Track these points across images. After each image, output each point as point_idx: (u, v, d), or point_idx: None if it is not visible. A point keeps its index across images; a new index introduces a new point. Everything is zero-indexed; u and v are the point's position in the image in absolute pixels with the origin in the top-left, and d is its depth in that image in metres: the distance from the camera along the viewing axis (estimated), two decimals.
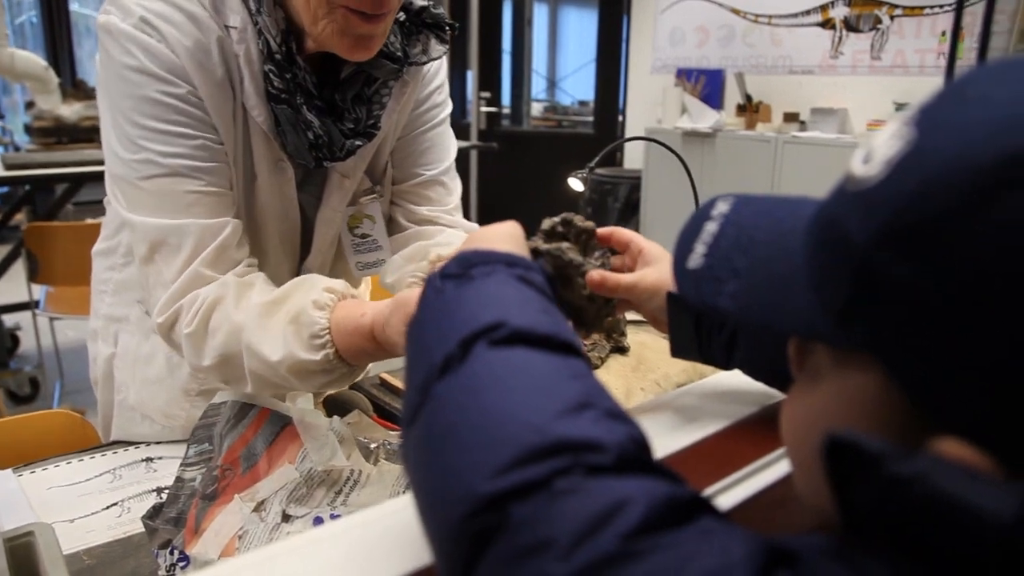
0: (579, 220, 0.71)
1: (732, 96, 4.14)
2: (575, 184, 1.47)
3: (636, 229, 3.96)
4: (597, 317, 0.71)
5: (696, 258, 0.45)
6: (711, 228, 0.46)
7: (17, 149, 4.73)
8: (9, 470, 0.99)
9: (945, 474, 0.30)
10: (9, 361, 3.32)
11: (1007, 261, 0.29)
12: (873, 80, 3.68)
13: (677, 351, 0.69)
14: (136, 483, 0.98)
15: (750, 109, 3.95)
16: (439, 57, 1.01)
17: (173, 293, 0.86)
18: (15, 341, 3.60)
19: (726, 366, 0.66)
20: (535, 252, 0.68)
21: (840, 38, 3.76)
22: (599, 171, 4.38)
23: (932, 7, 3.42)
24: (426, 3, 0.98)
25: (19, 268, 2.93)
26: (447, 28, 0.99)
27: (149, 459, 1.05)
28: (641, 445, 0.36)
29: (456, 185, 1.15)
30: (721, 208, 0.47)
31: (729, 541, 0.31)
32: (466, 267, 0.45)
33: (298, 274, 1.05)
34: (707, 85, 4.22)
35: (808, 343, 0.41)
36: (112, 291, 1.10)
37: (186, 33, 0.84)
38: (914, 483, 0.30)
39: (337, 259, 1.10)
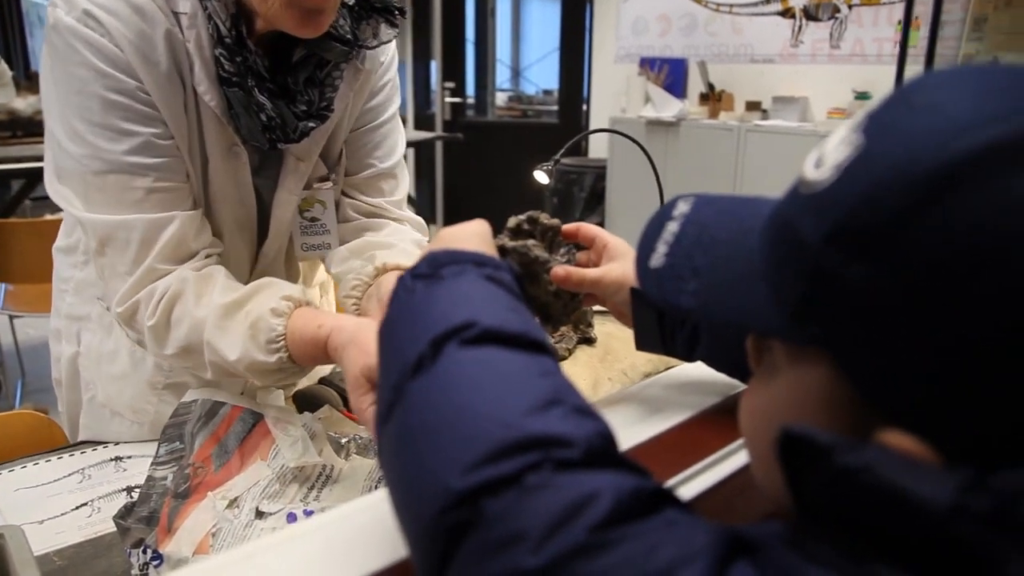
0: (544, 218, 0.72)
1: (695, 85, 4.18)
2: (540, 177, 1.49)
3: (602, 218, 3.92)
4: (564, 312, 0.73)
5: (658, 257, 0.46)
6: (672, 228, 0.47)
7: None
8: None
9: (889, 464, 0.31)
10: None
11: (950, 262, 0.31)
12: (832, 69, 3.74)
13: (641, 345, 0.70)
14: (106, 483, 0.98)
15: (713, 98, 4.00)
16: (389, 40, 1.02)
17: (129, 287, 0.88)
18: None
19: (689, 359, 0.68)
20: (502, 250, 0.69)
21: (800, 27, 3.82)
22: (564, 161, 4.39)
23: None
24: None
25: None
26: (396, 12, 1.00)
27: (118, 458, 1.04)
28: (608, 439, 0.37)
29: (404, 176, 1.17)
30: (682, 208, 0.48)
31: (692, 531, 0.32)
32: (436, 267, 0.46)
33: (256, 259, 1.06)
34: (670, 74, 4.26)
35: (765, 339, 0.43)
36: (74, 290, 1.09)
37: (130, 25, 0.84)
38: (861, 473, 0.31)
39: (291, 243, 1.11)
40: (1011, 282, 0.30)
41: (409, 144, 4.53)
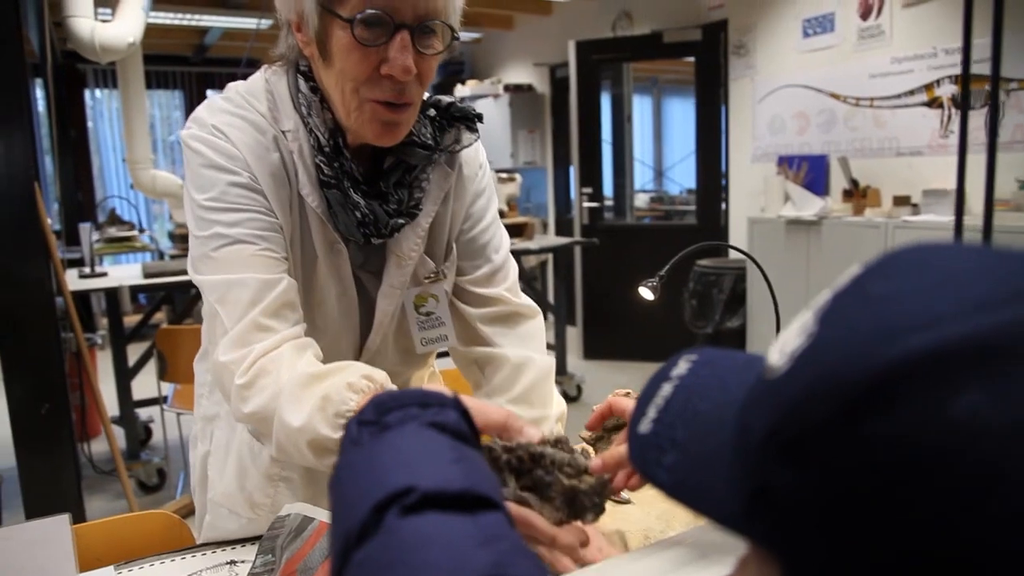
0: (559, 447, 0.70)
1: (838, 181, 4.05)
2: (645, 294, 1.48)
3: (743, 320, 3.78)
4: (594, 497, 0.68)
5: (646, 423, 0.43)
6: (666, 391, 0.44)
7: (162, 255, 5.26)
8: (111, 567, 1.07)
9: None
10: (141, 452, 3.57)
11: (875, 477, 0.28)
12: None
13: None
14: None
15: (857, 194, 3.84)
16: (470, 144, 1.13)
17: (234, 338, 0.95)
18: (148, 433, 3.89)
19: None
20: (492, 454, 0.66)
21: (949, 117, 3.63)
22: (702, 263, 4.34)
23: None
24: (453, 99, 1.12)
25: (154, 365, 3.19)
26: (474, 119, 1.12)
27: (233, 562, 1.11)
28: None
29: (514, 265, 1.25)
30: (681, 368, 0.45)
31: None
32: (381, 413, 0.47)
33: (361, 349, 1.14)
34: (810, 171, 4.15)
35: None
36: (208, 393, 1.22)
37: (248, 134, 1.00)
38: None
39: (399, 335, 1.18)
40: (932, 509, 0.27)
41: (547, 250, 4.66)
